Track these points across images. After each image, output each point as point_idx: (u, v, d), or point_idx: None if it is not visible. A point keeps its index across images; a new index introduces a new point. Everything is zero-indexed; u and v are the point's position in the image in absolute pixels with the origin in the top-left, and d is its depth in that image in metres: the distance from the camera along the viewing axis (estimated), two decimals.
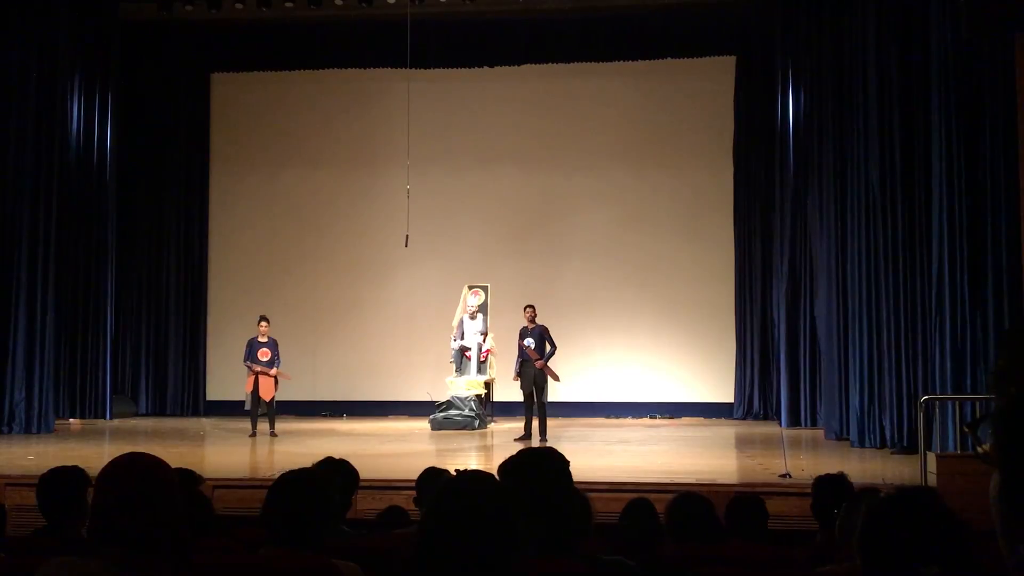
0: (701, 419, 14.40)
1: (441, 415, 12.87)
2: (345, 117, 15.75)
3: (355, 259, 15.64)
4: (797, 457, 9.31)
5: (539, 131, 15.42)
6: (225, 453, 10.66)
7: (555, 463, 2.69)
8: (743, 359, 14.74)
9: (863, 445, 10.30)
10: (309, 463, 3.92)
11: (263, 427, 11.91)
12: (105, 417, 14.11)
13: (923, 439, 7.74)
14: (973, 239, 8.64)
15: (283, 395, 12.34)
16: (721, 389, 14.90)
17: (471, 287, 13.85)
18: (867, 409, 10.33)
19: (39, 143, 12.72)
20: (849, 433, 10.81)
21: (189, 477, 4.22)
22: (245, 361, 12.02)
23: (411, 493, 5.04)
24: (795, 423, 12.94)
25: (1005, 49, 8.10)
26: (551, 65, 15.16)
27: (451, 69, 15.32)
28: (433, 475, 4.70)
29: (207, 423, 14.24)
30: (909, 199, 9.81)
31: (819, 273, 12.15)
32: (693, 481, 7.61)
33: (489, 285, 13.95)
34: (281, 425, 12.32)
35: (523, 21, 14.95)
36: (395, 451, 10.65)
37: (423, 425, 12.96)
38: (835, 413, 11.39)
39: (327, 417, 14.88)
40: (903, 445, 9.64)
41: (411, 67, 13.13)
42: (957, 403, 8.34)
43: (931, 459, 7.31)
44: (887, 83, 10.08)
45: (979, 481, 3.97)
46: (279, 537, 2.88)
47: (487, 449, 11.18)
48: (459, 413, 12.81)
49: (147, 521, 2.16)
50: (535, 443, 10.86)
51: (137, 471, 2.24)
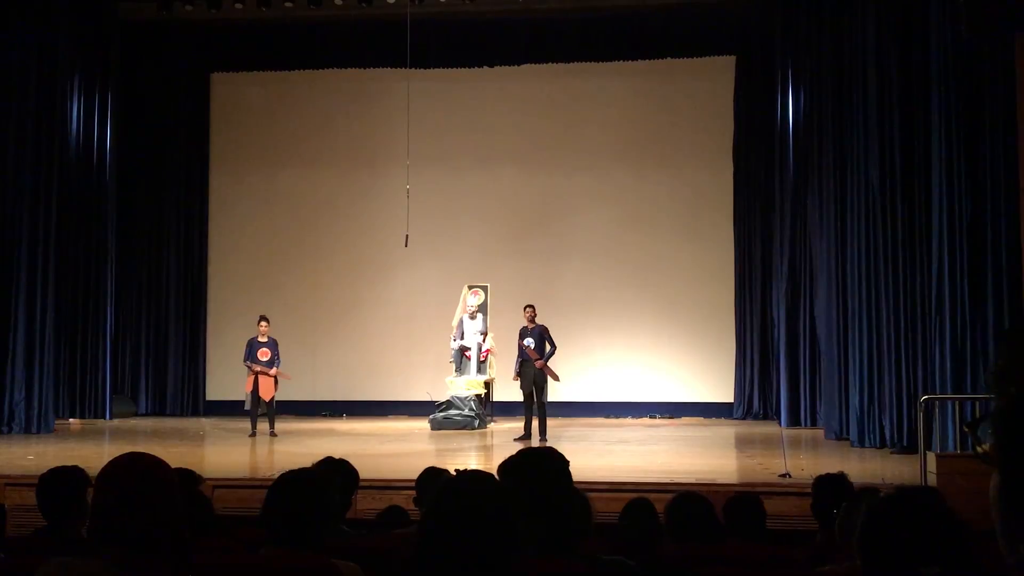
0: (701, 419, 14.40)
1: (441, 415, 12.86)
2: (345, 117, 15.75)
3: (355, 259, 15.63)
4: (797, 457, 9.31)
5: (539, 131, 15.42)
6: (225, 453, 10.65)
7: (555, 463, 2.69)
8: (743, 359, 14.74)
9: (863, 445, 10.30)
10: (309, 463, 3.93)
11: (263, 427, 11.91)
12: (105, 417, 14.12)
13: (923, 439, 7.73)
14: (973, 239, 8.63)
15: (283, 395, 12.34)
16: (721, 389, 14.90)
17: (471, 287, 13.85)
18: (867, 409, 10.33)
19: (39, 143, 12.72)
20: (849, 433, 10.81)
21: (189, 477, 4.22)
22: (245, 361, 12.01)
23: (411, 493, 5.04)
24: (795, 423, 12.94)
25: (1005, 49, 8.10)
26: (551, 65, 15.16)
27: (451, 69, 15.32)
28: (433, 475, 4.70)
29: (207, 423, 14.24)
30: (909, 199, 9.80)
31: (819, 273, 12.14)
32: (693, 481, 7.61)
33: (489, 285, 13.95)
34: (281, 425, 12.32)
35: (523, 21, 14.94)
36: (395, 451, 10.65)
37: (423, 425, 12.96)
38: (835, 413, 11.38)
39: (327, 417, 14.89)
40: (903, 445, 9.63)
41: (411, 67, 13.12)
42: (957, 403, 8.34)
43: (931, 459, 7.31)
44: (887, 83, 10.07)
45: (979, 481, 3.97)
46: (279, 537, 2.88)
47: (487, 449, 11.18)
48: (459, 413, 12.81)
49: (147, 521, 2.16)
50: (535, 443, 10.86)
51: (137, 471, 2.23)
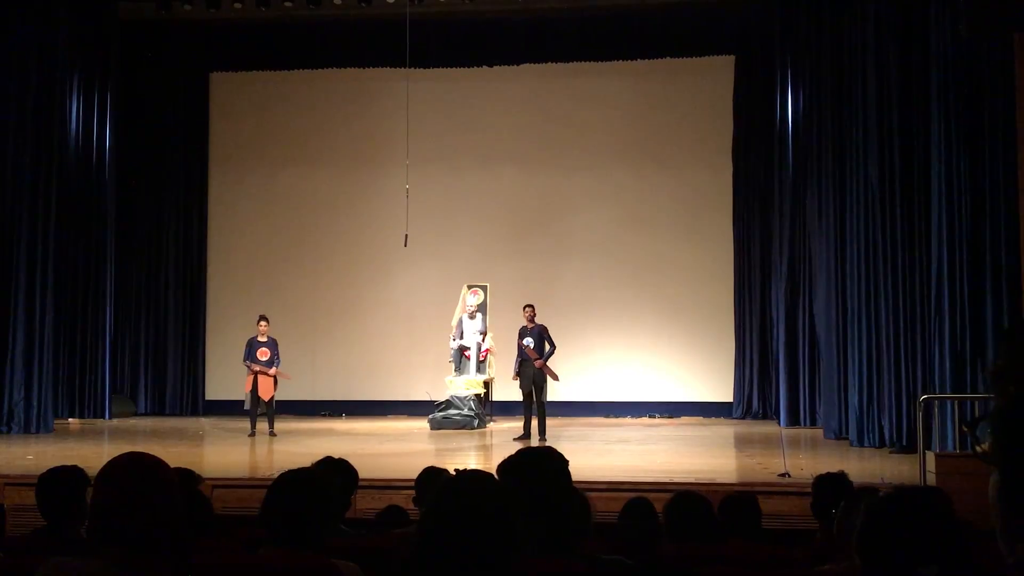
0: (700, 418, 14.40)
1: (440, 415, 12.86)
2: (344, 116, 15.75)
3: (354, 258, 15.63)
4: (796, 456, 9.32)
5: (538, 130, 15.42)
6: (224, 453, 10.65)
7: (554, 462, 2.69)
8: (742, 358, 14.74)
9: (862, 444, 10.30)
10: (308, 463, 3.93)
11: (262, 427, 11.90)
12: (104, 417, 14.11)
13: (922, 438, 7.73)
14: (972, 238, 8.63)
15: (282, 395, 12.33)
16: (720, 388, 14.90)
17: (470, 286, 13.85)
18: (866, 408, 10.33)
19: (38, 142, 12.71)
20: (848, 432, 10.81)
21: (188, 477, 4.22)
22: (244, 361, 12.01)
23: (410, 493, 5.04)
24: (794, 422, 12.94)
25: (1005, 49, 8.10)
26: (550, 64, 15.16)
27: (450, 68, 15.32)
28: (432, 475, 4.69)
29: (206, 423, 14.23)
30: (908, 198, 9.80)
31: (818, 272, 12.14)
32: (692, 480, 7.61)
33: (488, 284, 13.94)
34: (280, 425, 12.32)
35: (522, 20, 14.94)
36: (394, 451, 10.65)
37: (422, 425, 12.96)
38: (834, 412, 11.38)
39: (326, 417, 14.89)
40: (902, 444, 9.63)
41: (410, 66, 13.12)
42: (956, 402, 8.34)
43: (930, 458, 7.32)
44: (886, 82, 10.07)
45: (978, 480, 3.97)
46: (278, 537, 2.87)
47: (486, 448, 11.18)
48: (458, 413, 12.80)
49: (146, 521, 2.16)
50: (534, 442, 10.86)
51: (136, 471, 2.23)
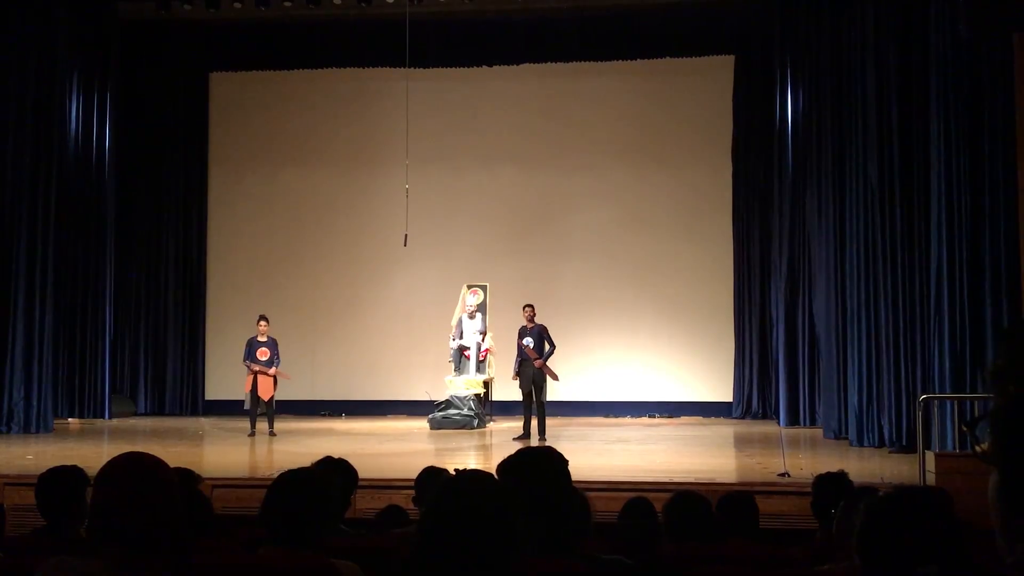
0: (700, 418, 14.40)
1: (440, 414, 12.86)
2: (344, 116, 15.75)
3: (354, 258, 15.63)
4: (796, 456, 9.32)
5: (538, 130, 15.42)
6: (224, 452, 10.65)
7: (554, 462, 2.69)
8: (742, 358, 14.74)
9: (862, 444, 10.30)
10: (308, 462, 3.93)
11: (262, 426, 11.90)
12: (104, 417, 14.11)
13: (922, 438, 7.73)
14: (972, 238, 8.63)
15: (282, 394, 12.33)
16: (720, 388, 14.90)
17: (470, 286, 13.84)
18: (866, 408, 10.33)
19: (38, 142, 12.71)
20: (848, 432, 10.81)
21: (188, 476, 4.22)
22: (244, 360, 12.01)
23: (410, 492, 5.04)
24: (794, 422, 12.95)
25: (1005, 49, 8.10)
26: (550, 64, 15.16)
27: (450, 68, 15.32)
28: (432, 474, 4.69)
29: (206, 422, 14.23)
30: (908, 198, 9.80)
31: (818, 272, 12.14)
32: (692, 480, 7.61)
33: (488, 284, 13.95)
34: (280, 424, 12.32)
35: (522, 20, 14.94)
36: (394, 450, 10.65)
37: (422, 424, 12.96)
38: (834, 412, 11.39)
39: (326, 416, 14.89)
40: (902, 444, 9.63)
41: (410, 66, 13.12)
42: (956, 402, 8.34)
43: (930, 458, 7.31)
44: (886, 82, 10.07)
45: (978, 480, 3.97)
46: (278, 536, 2.87)
47: (486, 448, 11.18)
48: (458, 412, 12.80)
49: (146, 521, 2.16)
50: (534, 442, 10.87)
51: (136, 471, 2.23)
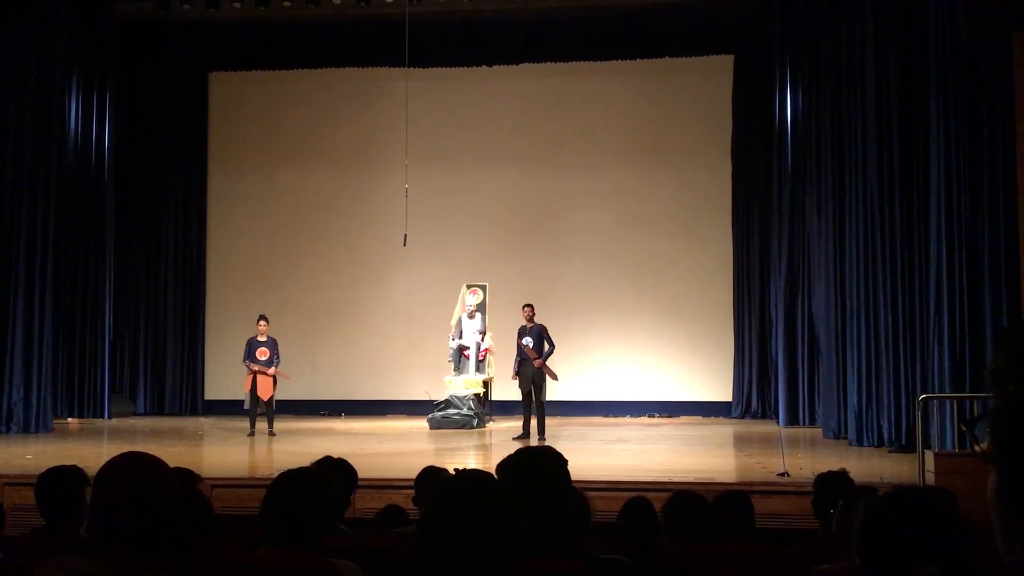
0: (699, 418, 14.40)
1: (439, 414, 12.86)
2: (343, 116, 15.74)
3: (354, 258, 15.63)
4: (795, 456, 9.32)
5: (537, 130, 15.42)
6: (223, 452, 10.65)
7: (554, 462, 2.69)
8: (741, 358, 14.74)
9: (861, 444, 10.30)
10: (308, 462, 3.93)
11: (261, 426, 11.91)
12: (103, 416, 14.10)
13: (921, 438, 7.74)
14: (972, 238, 8.63)
15: (282, 394, 12.33)
16: (719, 388, 14.90)
17: (469, 286, 13.84)
18: (865, 408, 10.33)
19: (37, 142, 12.71)
20: (847, 432, 10.81)
21: (188, 476, 4.22)
22: (244, 360, 12.01)
23: (410, 492, 5.04)
24: (793, 422, 12.94)
25: (1005, 49, 8.10)
26: (549, 64, 15.16)
27: (450, 68, 15.31)
28: (432, 474, 4.69)
29: (205, 422, 14.23)
30: (907, 198, 9.80)
31: (817, 272, 12.14)
32: (692, 480, 7.61)
33: (487, 284, 13.95)
34: (280, 424, 12.32)
35: (521, 20, 14.94)
36: (394, 450, 10.65)
37: (421, 424, 12.96)
38: (833, 412, 11.39)
39: (326, 416, 14.88)
40: (901, 444, 9.63)
41: (409, 66, 13.11)
42: (955, 402, 8.33)
43: (929, 458, 7.31)
44: (886, 82, 10.07)
45: (977, 480, 3.97)
46: (278, 536, 2.87)
47: (485, 448, 11.18)
48: (457, 412, 12.80)
49: (146, 521, 2.16)
50: (534, 442, 10.86)
51: (135, 470, 2.23)
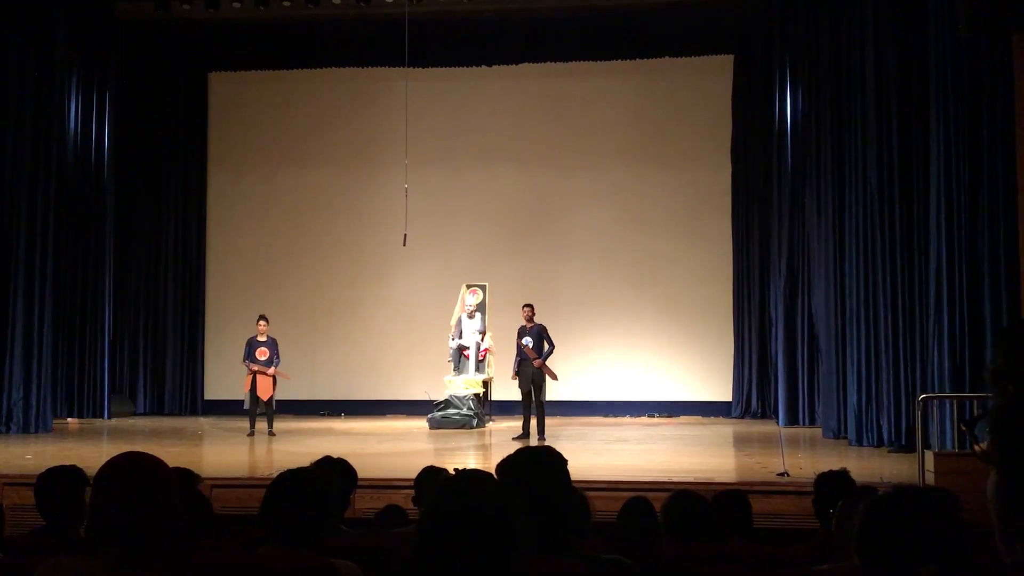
0: (699, 418, 14.40)
1: (439, 414, 12.86)
2: (343, 116, 15.74)
3: (353, 258, 15.63)
4: (795, 456, 9.32)
5: (537, 130, 15.42)
6: (223, 452, 10.65)
7: (553, 462, 2.69)
8: (741, 358, 14.74)
9: (861, 444, 10.30)
10: (307, 462, 3.93)
11: (261, 426, 11.91)
12: (103, 416, 14.10)
13: (921, 438, 7.74)
14: (971, 238, 8.62)
15: (281, 394, 12.33)
16: (719, 388, 14.90)
17: (469, 286, 13.84)
18: (865, 408, 10.33)
19: (37, 142, 12.70)
20: (847, 432, 10.81)
21: (187, 476, 4.22)
22: (244, 360, 12.01)
23: (409, 492, 5.04)
24: (793, 422, 12.94)
25: (1004, 49, 8.09)
26: (549, 64, 15.16)
27: (449, 68, 15.31)
28: (432, 474, 4.70)
29: (205, 422, 14.23)
30: (907, 198, 9.80)
31: (817, 272, 12.15)
32: (691, 480, 7.61)
33: (487, 284, 13.95)
34: (279, 424, 12.32)
35: (521, 20, 14.94)
36: (393, 450, 10.65)
37: (421, 424, 12.96)
38: (833, 412, 11.39)
39: (325, 416, 14.88)
40: (901, 443, 9.63)
41: (409, 66, 13.11)
42: (955, 401, 8.33)
43: (929, 458, 7.32)
44: (885, 82, 10.07)
45: (977, 479, 3.96)
46: (277, 536, 2.87)
47: (485, 448, 11.18)
48: (457, 412, 12.80)
49: (145, 521, 2.16)
50: (533, 442, 10.86)
51: (135, 470, 2.23)
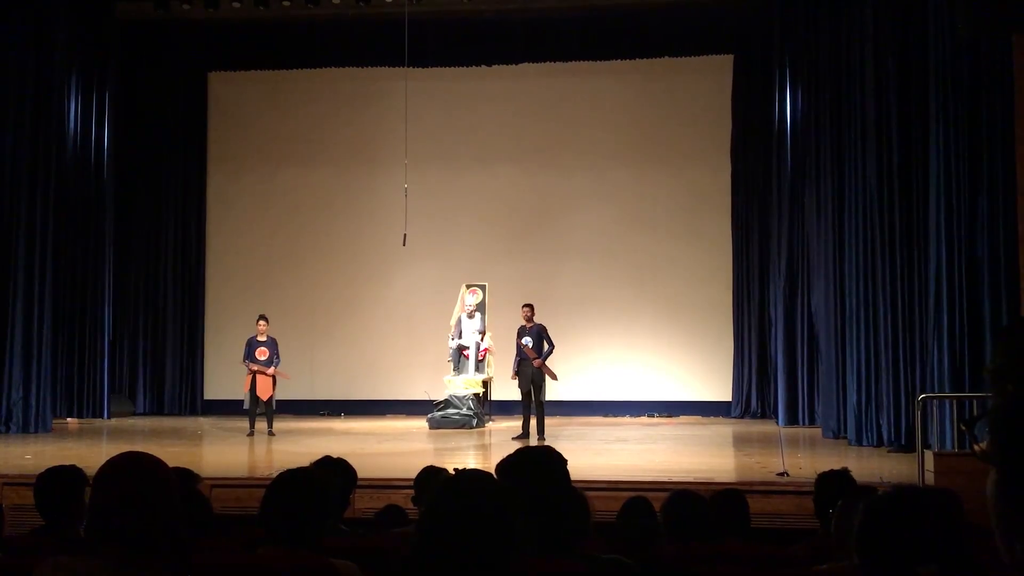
0: (699, 418, 14.40)
1: (439, 414, 12.86)
2: (343, 116, 15.74)
3: (353, 258, 15.63)
4: (795, 455, 9.32)
5: (537, 130, 15.42)
6: (223, 452, 10.65)
7: (553, 462, 2.69)
8: (741, 358, 14.74)
9: (860, 443, 10.30)
10: (307, 462, 3.93)
11: (261, 426, 11.91)
12: (103, 416, 14.11)
13: (920, 437, 7.74)
14: (971, 238, 8.62)
15: (281, 394, 12.33)
16: (719, 388, 14.91)
17: (469, 286, 13.84)
18: (864, 407, 10.33)
19: (36, 142, 12.70)
20: (847, 431, 10.81)
21: (187, 476, 4.22)
22: (243, 360, 12.01)
23: (409, 492, 5.04)
24: (792, 421, 12.94)
25: (1004, 49, 8.09)
26: (549, 64, 15.15)
27: (449, 68, 15.31)
28: (431, 474, 4.70)
29: (205, 422, 14.23)
30: (907, 198, 9.80)
31: (816, 272, 12.15)
32: (691, 480, 7.61)
33: (487, 284, 13.95)
34: (279, 424, 12.32)
35: (521, 20, 14.94)
36: (393, 450, 10.65)
37: (421, 424, 12.96)
38: (832, 411, 11.39)
39: (325, 416, 14.88)
40: (900, 443, 9.63)
41: (409, 66, 13.11)
42: (954, 401, 8.33)
43: (928, 457, 7.31)
44: (885, 82, 10.07)
45: (976, 479, 3.97)
46: (277, 536, 2.87)
47: (485, 448, 11.18)
48: (457, 412, 12.80)
49: (145, 520, 2.16)
50: (533, 442, 10.86)
51: (135, 470, 2.23)
